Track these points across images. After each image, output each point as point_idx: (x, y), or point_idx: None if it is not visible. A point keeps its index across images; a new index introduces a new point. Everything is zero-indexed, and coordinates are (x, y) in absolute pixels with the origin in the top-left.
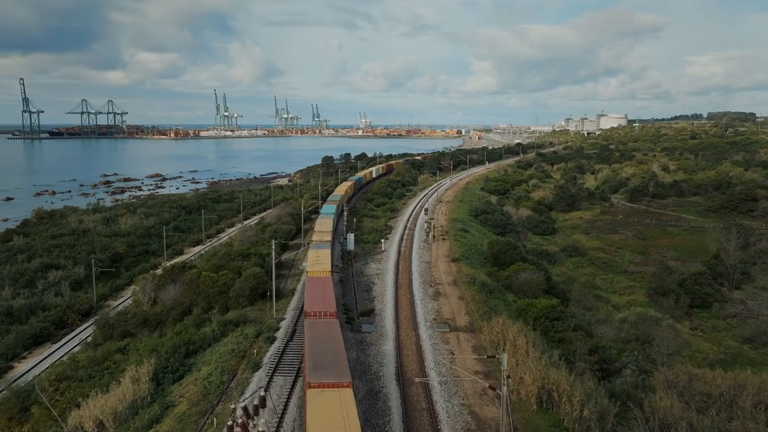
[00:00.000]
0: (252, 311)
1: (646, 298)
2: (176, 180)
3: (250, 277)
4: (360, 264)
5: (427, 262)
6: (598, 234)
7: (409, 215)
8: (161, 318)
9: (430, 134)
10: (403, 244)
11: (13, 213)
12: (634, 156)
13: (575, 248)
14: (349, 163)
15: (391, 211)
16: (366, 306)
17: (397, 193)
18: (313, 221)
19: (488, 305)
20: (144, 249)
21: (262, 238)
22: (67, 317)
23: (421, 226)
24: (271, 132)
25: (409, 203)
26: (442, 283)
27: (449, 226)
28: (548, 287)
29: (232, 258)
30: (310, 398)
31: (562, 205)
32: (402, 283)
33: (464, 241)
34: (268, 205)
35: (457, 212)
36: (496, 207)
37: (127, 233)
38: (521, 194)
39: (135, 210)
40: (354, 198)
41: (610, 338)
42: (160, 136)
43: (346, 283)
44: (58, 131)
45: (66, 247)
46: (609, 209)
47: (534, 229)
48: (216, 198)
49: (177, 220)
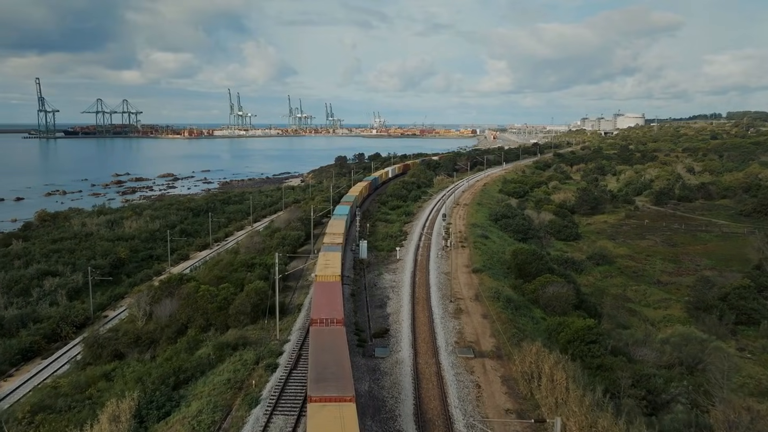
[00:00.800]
0: (253, 331)
1: (684, 313)
2: (188, 180)
3: (252, 292)
4: (373, 275)
5: (446, 273)
6: (624, 240)
7: (426, 219)
8: (155, 336)
9: (445, 134)
10: (419, 252)
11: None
12: (656, 157)
13: (602, 256)
14: (363, 164)
15: (406, 215)
16: (380, 325)
17: (413, 196)
18: (324, 225)
19: (515, 325)
20: (148, 254)
21: (269, 245)
22: (60, 330)
23: (439, 231)
24: (284, 131)
25: (425, 206)
26: (464, 298)
27: (468, 231)
28: (578, 301)
29: (235, 269)
30: (310, 413)
31: (585, 208)
32: (419, 298)
33: (485, 248)
34: (279, 206)
35: (476, 216)
36: (516, 211)
37: (131, 237)
38: (541, 197)
39: (141, 212)
40: (369, 199)
41: (651, 362)
42: (174, 135)
43: (358, 298)
44: (73, 130)
45: (66, 252)
46: (634, 213)
47: (557, 235)
48: (226, 199)
49: (184, 222)
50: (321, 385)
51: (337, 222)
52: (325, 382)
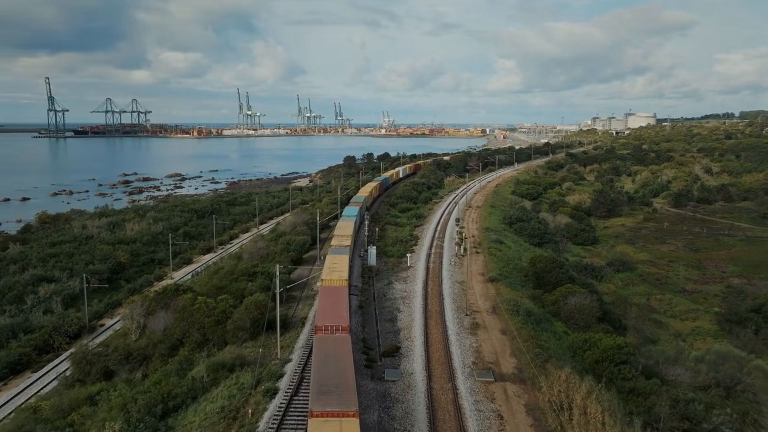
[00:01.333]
0: (252, 348)
1: (714, 325)
2: (196, 180)
3: (252, 305)
4: (383, 284)
5: (460, 283)
6: (644, 244)
7: (437, 223)
8: (147, 353)
9: (454, 133)
10: (431, 258)
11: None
12: (671, 157)
13: (623, 262)
14: (372, 163)
15: (416, 218)
16: (390, 342)
17: (423, 197)
18: (331, 229)
19: (537, 342)
20: (150, 258)
21: (273, 251)
22: (52, 340)
23: (451, 236)
24: (293, 131)
25: (436, 209)
26: (480, 311)
27: (482, 236)
28: (602, 313)
29: (236, 278)
30: (311, 429)
31: (601, 210)
32: (432, 311)
33: (500, 255)
34: (287, 208)
35: (489, 220)
36: (531, 214)
37: (133, 240)
38: (555, 198)
39: (144, 214)
40: (379, 200)
41: (686, 383)
42: (183, 135)
43: (366, 310)
44: (83, 130)
45: (64, 257)
46: (653, 215)
47: (574, 239)
48: (231, 200)
49: (188, 225)
50: (323, 398)
51: (345, 223)
52: (328, 395)
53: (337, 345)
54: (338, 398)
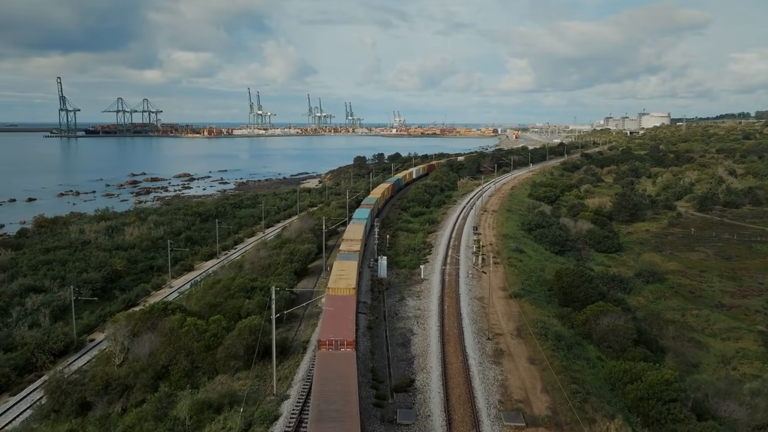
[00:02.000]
0: (245, 380)
1: (760, 347)
2: (204, 180)
3: (246, 330)
4: (394, 300)
5: (479, 299)
6: (672, 252)
7: (452, 229)
8: (128, 382)
9: (466, 133)
10: (446, 270)
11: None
12: (692, 158)
13: (653, 273)
14: (383, 164)
15: (429, 224)
16: (403, 373)
17: (436, 201)
18: (339, 235)
19: (571, 373)
20: (149, 265)
21: (276, 262)
22: (35, 359)
23: (467, 244)
24: (304, 130)
25: (450, 213)
26: (503, 334)
27: (500, 244)
28: (637, 334)
29: (232, 294)
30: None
31: (623, 215)
32: (450, 334)
33: (521, 265)
34: (294, 210)
35: (507, 225)
36: (551, 219)
37: (131, 246)
38: (574, 201)
39: (146, 218)
40: (391, 201)
41: (742, 421)
42: (193, 134)
43: (376, 332)
44: (94, 129)
45: (57, 264)
46: (677, 220)
47: (597, 246)
48: (237, 203)
49: (191, 229)
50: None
51: (355, 227)
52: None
53: (342, 363)
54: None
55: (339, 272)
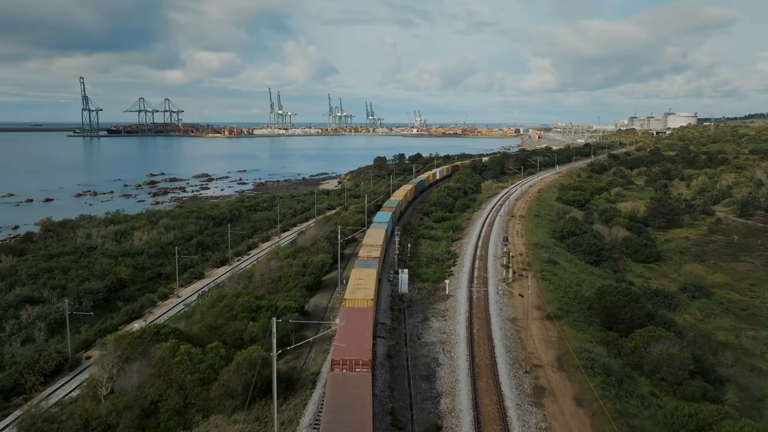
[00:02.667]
0: (242, 424)
1: None
2: (222, 180)
3: (245, 364)
4: (416, 320)
5: (511, 320)
6: (715, 262)
7: (477, 237)
8: (110, 422)
9: (487, 133)
10: (474, 284)
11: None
12: (726, 160)
13: (699, 287)
14: (403, 164)
15: (453, 230)
16: (427, 416)
17: (460, 205)
18: (356, 244)
19: (627, 419)
20: (156, 272)
21: (287, 274)
22: (24, 380)
23: (495, 254)
24: (324, 130)
25: (475, 218)
26: (542, 365)
27: (531, 254)
28: (695, 364)
29: (235, 315)
30: None
31: (660, 221)
32: (481, 366)
33: (555, 279)
34: (312, 213)
35: (537, 233)
36: (584, 226)
37: (139, 252)
38: (606, 206)
39: (157, 221)
40: (414, 203)
41: None
42: (214, 134)
43: (396, 361)
44: (116, 129)
45: (58, 272)
46: (718, 227)
47: (634, 255)
48: (253, 206)
49: (203, 233)
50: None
51: (376, 231)
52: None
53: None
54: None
55: (357, 281)
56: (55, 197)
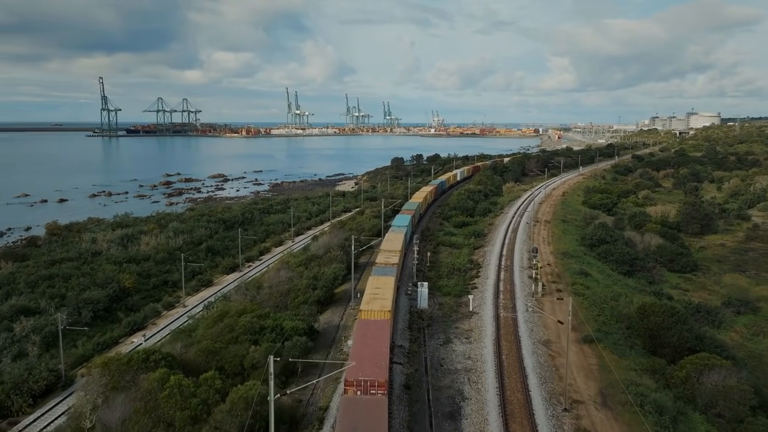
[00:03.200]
0: None
1: None
2: (238, 181)
3: (240, 402)
4: (437, 342)
5: (544, 343)
6: (757, 273)
7: (501, 244)
8: None
9: (506, 133)
10: (500, 299)
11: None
12: (757, 161)
13: (744, 301)
14: (421, 165)
15: (475, 237)
16: None
17: (481, 209)
18: (371, 252)
19: None
20: (163, 279)
21: (297, 287)
22: (11, 402)
23: (521, 263)
24: (342, 130)
25: (498, 224)
26: (584, 401)
27: (560, 265)
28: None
29: (236, 337)
30: None
31: (693, 226)
32: (513, 402)
33: (589, 294)
34: (327, 216)
35: (564, 240)
36: (615, 233)
37: (146, 258)
38: (634, 210)
39: (166, 224)
40: (434, 205)
41: None
42: (232, 134)
43: (415, 394)
44: (135, 129)
45: (59, 280)
46: (755, 233)
47: (669, 265)
48: (266, 208)
49: (213, 237)
50: None
51: (394, 236)
52: None
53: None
54: None
55: (374, 291)
56: (70, 198)
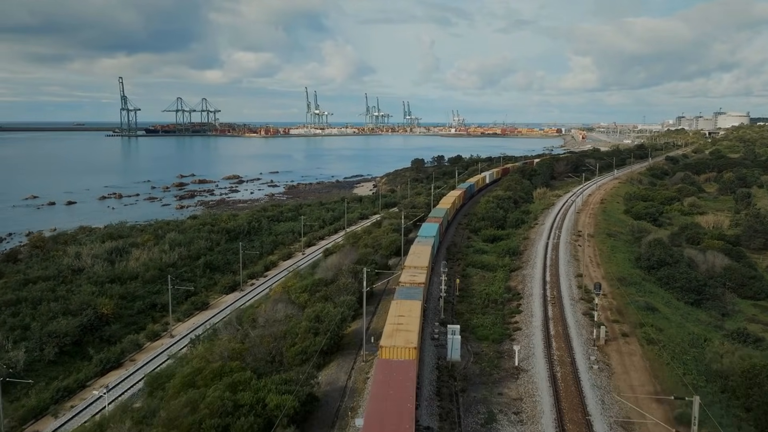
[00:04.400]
0: None
1: None
2: (253, 183)
3: None
4: (476, 420)
5: (624, 425)
6: None
7: (543, 265)
8: None
9: (528, 133)
10: (553, 350)
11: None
12: None
13: None
14: (442, 167)
15: (510, 255)
16: None
17: (512, 220)
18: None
19: None
20: (151, 302)
21: (295, 330)
22: None
23: (571, 294)
24: (361, 130)
25: (534, 238)
26: None
27: (617, 295)
28: None
29: (198, 422)
30: None
31: (756, 241)
32: None
33: (664, 340)
34: (342, 224)
35: (616, 261)
36: (675, 252)
37: (134, 276)
38: (683, 220)
39: (164, 235)
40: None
41: None
42: (250, 134)
43: None
44: (154, 129)
45: (26, 306)
46: None
47: (739, 290)
48: (276, 215)
49: (214, 250)
50: None
51: (421, 249)
52: None
53: None
54: None
55: (396, 320)
56: (79, 200)
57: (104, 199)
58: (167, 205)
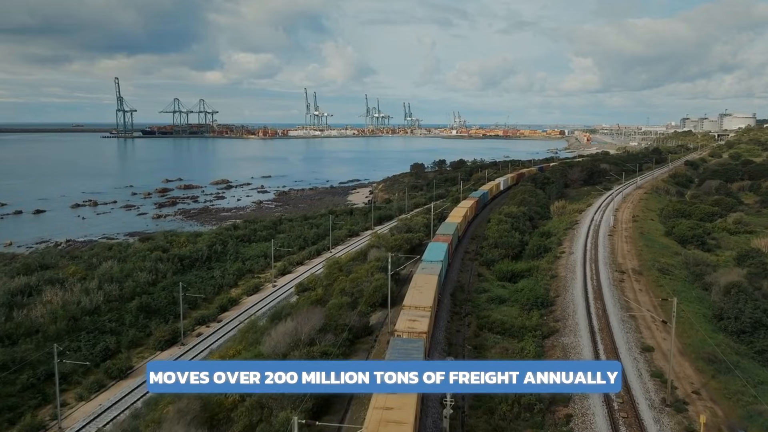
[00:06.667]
0: None
1: None
2: (242, 188)
3: None
4: None
5: None
6: None
7: (589, 328)
8: None
9: (530, 135)
10: None
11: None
12: None
13: None
14: (444, 172)
15: (537, 307)
16: None
17: (532, 247)
18: (379, 329)
19: None
20: (48, 371)
21: None
22: None
23: (646, 393)
24: (361, 131)
25: (564, 275)
26: None
27: (710, 386)
28: None
29: None
30: None
31: None
32: None
33: None
34: (326, 245)
35: (687, 321)
36: (758, 298)
37: (33, 330)
38: (743, 248)
39: (99, 264)
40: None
41: None
42: (248, 135)
43: None
44: (151, 130)
45: None
46: None
47: None
48: (248, 235)
49: (157, 285)
50: None
51: (425, 280)
52: None
53: None
54: None
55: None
56: (51, 208)
57: (77, 207)
58: (143, 215)
